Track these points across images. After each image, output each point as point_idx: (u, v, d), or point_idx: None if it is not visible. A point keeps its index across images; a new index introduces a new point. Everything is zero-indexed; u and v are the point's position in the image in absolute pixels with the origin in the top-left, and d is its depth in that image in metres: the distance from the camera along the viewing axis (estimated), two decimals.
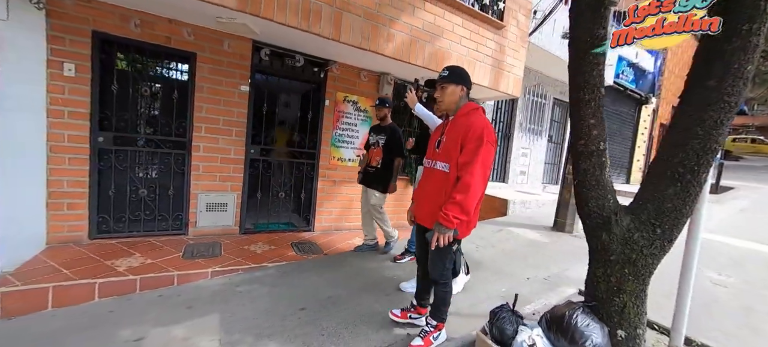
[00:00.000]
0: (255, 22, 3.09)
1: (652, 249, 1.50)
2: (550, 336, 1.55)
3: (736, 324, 2.34)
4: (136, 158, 3.33)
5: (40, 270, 2.55)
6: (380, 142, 3.34)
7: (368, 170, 3.43)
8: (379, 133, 3.39)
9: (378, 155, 3.33)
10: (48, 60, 2.87)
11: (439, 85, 1.86)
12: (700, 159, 1.44)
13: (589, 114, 1.62)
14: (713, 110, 1.41)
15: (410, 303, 2.21)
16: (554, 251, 3.71)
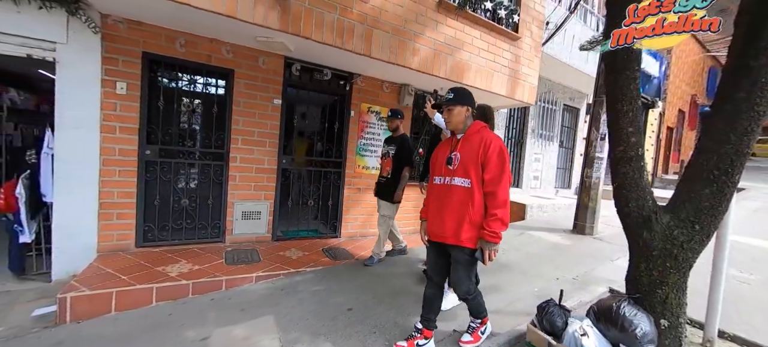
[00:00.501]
0: (292, 40, 3.29)
1: (691, 244, 1.65)
2: (599, 327, 1.68)
3: (762, 317, 2.45)
4: (179, 169, 3.51)
5: (99, 276, 2.71)
6: (391, 152, 3.41)
7: (380, 181, 3.51)
8: (390, 144, 3.47)
9: (388, 166, 3.40)
10: (102, 79, 3.08)
11: (445, 107, 1.93)
12: (734, 162, 1.59)
13: (628, 123, 1.78)
14: (744, 118, 1.57)
15: (414, 328, 2.06)
16: (578, 253, 3.83)
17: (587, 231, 4.50)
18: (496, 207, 1.74)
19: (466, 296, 1.95)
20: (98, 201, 3.15)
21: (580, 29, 6.41)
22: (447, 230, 1.85)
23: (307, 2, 3.09)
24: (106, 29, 3.06)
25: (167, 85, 3.43)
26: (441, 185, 1.93)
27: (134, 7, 2.89)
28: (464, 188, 1.81)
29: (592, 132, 4.65)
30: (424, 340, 2.00)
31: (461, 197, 1.81)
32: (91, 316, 2.41)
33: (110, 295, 2.48)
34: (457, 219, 1.81)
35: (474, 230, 1.78)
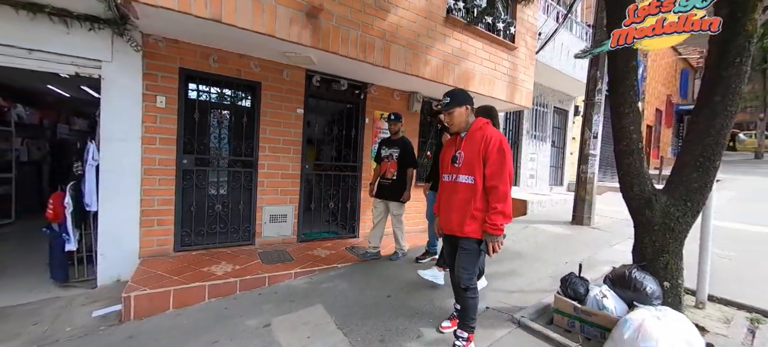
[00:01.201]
0: (318, 54, 3.58)
1: (685, 218, 2.02)
2: (615, 290, 2.03)
3: (742, 284, 2.87)
4: (213, 177, 3.72)
5: (151, 277, 2.89)
6: (394, 155, 3.56)
7: (383, 183, 3.62)
8: (391, 146, 3.62)
9: (393, 167, 3.54)
10: (143, 94, 3.29)
11: (445, 113, 1.99)
12: (714, 151, 1.98)
13: (629, 123, 2.17)
14: (719, 117, 1.96)
15: (455, 309, 2.26)
16: (579, 241, 4.23)
17: (585, 222, 4.92)
18: (497, 201, 1.80)
19: (467, 286, 1.95)
20: (140, 209, 3.33)
21: (568, 38, 6.95)
22: (453, 223, 1.96)
23: (334, 20, 3.40)
24: (147, 47, 3.27)
25: (201, 98, 3.65)
26: (448, 183, 2.03)
27: (176, 28, 3.13)
28: (468, 184, 1.90)
29: (585, 132, 5.11)
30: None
31: (465, 194, 1.91)
32: (152, 313, 2.60)
33: (168, 293, 2.68)
34: (461, 214, 1.91)
35: (476, 224, 1.87)
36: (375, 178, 3.79)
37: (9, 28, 2.74)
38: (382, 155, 3.69)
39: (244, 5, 2.89)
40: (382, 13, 3.75)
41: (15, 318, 2.64)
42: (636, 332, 1.66)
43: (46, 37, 2.87)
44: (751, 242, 4.07)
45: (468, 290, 1.96)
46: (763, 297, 2.52)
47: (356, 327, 2.31)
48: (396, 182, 3.52)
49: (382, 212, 3.70)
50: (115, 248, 3.23)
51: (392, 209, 3.62)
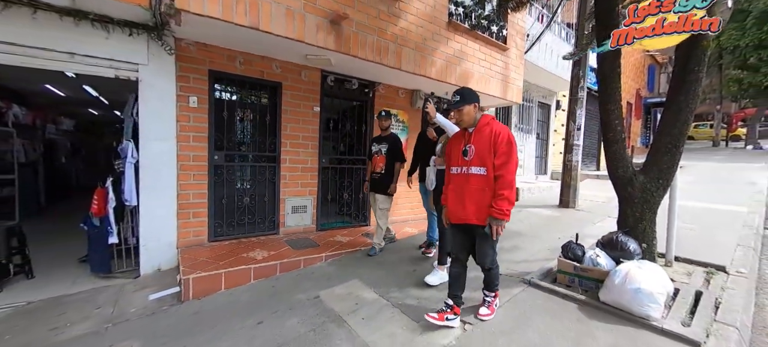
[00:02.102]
0: (337, 56, 3.91)
1: (658, 192, 2.56)
2: (605, 251, 2.53)
3: (701, 248, 3.49)
4: (240, 171, 3.99)
5: (199, 264, 3.16)
6: (383, 150, 3.68)
7: (374, 177, 3.72)
8: (381, 142, 3.75)
9: (382, 162, 3.66)
10: (177, 95, 3.51)
11: (455, 110, 2.12)
12: (679, 139, 2.52)
13: (614, 117, 2.68)
14: (683, 113, 2.49)
15: (445, 304, 2.26)
16: (568, 221, 4.81)
17: (571, 205, 5.54)
18: (503, 188, 1.95)
19: (490, 266, 2.17)
20: (177, 203, 3.56)
21: (551, 38, 7.56)
22: (469, 213, 2.05)
23: (353, 27, 3.74)
24: (180, 51, 3.49)
25: (228, 98, 3.89)
26: (459, 175, 2.13)
27: (209, 33, 3.36)
28: (481, 175, 2.03)
29: (570, 124, 5.70)
30: (454, 316, 2.18)
31: (479, 184, 2.03)
32: (207, 294, 2.90)
33: (220, 276, 2.98)
34: (477, 203, 2.02)
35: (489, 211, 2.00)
36: (368, 173, 3.90)
37: (55, 34, 2.91)
38: (372, 150, 3.80)
39: (278, 14, 3.19)
40: (394, 19, 4.12)
41: (74, 305, 2.86)
42: (624, 278, 2.16)
43: (88, 41, 3.04)
44: (708, 217, 4.79)
45: (491, 269, 2.19)
46: (715, 257, 3.12)
47: (393, 294, 2.71)
48: (384, 175, 3.65)
49: (375, 204, 3.79)
50: (156, 239, 3.46)
51: (379, 202, 3.71)
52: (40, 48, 2.88)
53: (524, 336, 2.08)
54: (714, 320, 2.12)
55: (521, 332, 2.12)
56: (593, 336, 2.04)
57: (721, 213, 4.86)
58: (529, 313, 2.33)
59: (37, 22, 2.83)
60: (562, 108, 9.97)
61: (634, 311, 2.11)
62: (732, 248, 3.43)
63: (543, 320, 2.24)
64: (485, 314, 2.24)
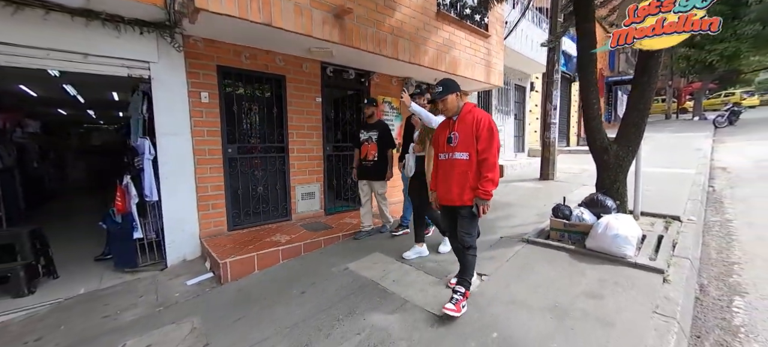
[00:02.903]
0: (338, 48, 4.12)
1: (628, 157, 3.10)
2: (588, 209, 3.05)
3: (660, 203, 4.16)
4: (253, 162, 4.17)
5: (228, 249, 3.37)
6: (373, 137, 3.70)
7: (365, 165, 3.74)
8: (370, 130, 3.75)
9: (374, 149, 3.69)
10: (189, 91, 3.61)
11: (439, 100, 2.23)
12: (644, 114, 3.05)
13: (593, 98, 3.17)
14: (646, 92, 3.01)
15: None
16: (549, 191, 5.41)
17: (550, 177, 6.17)
18: (487, 170, 2.08)
19: (469, 246, 2.21)
20: (197, 195, 3.71)
21: (526, 24, 8.07)
22: (453, 195, 2.19)
23: (355, 20, 3.96)
24: (188, 48, 3.58)
25: (237, 92, 4.02)
26: (445, 160, 2.26)
27: (216, 29, 3.46)
28: (464, 160, 2.15)
29: (547, 105, 6.28)
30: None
31: (462, 168, 2.16)
32: (242, 275, 3.14)
33: (252, 258, 3.22)
34: (460, 185, 2.16)
35: (472, 192, 2.13)
36: (357, 161, 3.92)
37: (67, 35, 2.94)
38: (361, 138, 3.79)
39: (288, 10, 3.36)
40: (389, 11, 4.38)
41: (115, 296, 3.01)
42: (605, 228, 2.68)
43: (99, 41, 3.08)
44: (664, 180, 5.56)
45: (470, 248, 2.23)
46: (672, 210, 3.76)
47: (413, 260, 3.10)
48: (378, 162, 3.70)
49: (368, 192, 3.90)
50: (179, 232, 3.61)
51: (376, 189, 3.82)
52: (54, 49, 2.90)
53: (529, 279, 2.55)
54: (672, 255, 2.69)
55: (526, 277, 2.58)
56: (583, 273, 2.55)
57: (675, 175, 5.65)
58: (531, 263, 2.80)
59: (48, 24, 2.85)
60: (535, 89, 10.67)
61: (613, 252, 2.64)
62: (684, 202, 4.12)
63: (542, 267, 2.72)
64: (450, 309, 2.08)
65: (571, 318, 2.04)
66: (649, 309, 2.06)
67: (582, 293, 2.30)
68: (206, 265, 3.50)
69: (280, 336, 2.13)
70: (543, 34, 9.10)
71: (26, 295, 3.06)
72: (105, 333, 2.40)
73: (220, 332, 2.26)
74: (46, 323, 2.63)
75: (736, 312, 2.24)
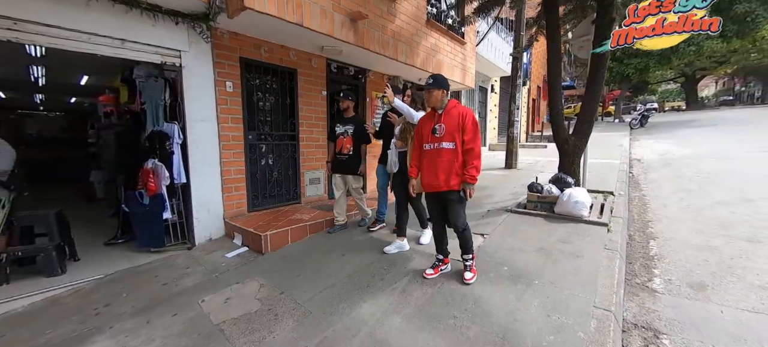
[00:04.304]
0: (348, 48, 4.62)
1: (581, 146, 4.14)
2: (555, 185, 4.01)
3: (599, 183, 5.39)
4: (268, 149, 4.49)
5: (260, 226, 3.72)
6: (349, 131, 3.69)
7: (340, 159, 3.71)
8: (346, 123, 3.74)
9: (349, 143, 3.69)
10: (215, 80, 3.86)
11: (426, 91, 2.44)
12: (593, 114, 4.10)
13: (557, 99, 4.13)
14: (596, 96, 4.05)
15: (436, 259, 2.68)
16: (516, 177, 6.50)
17: (514, 166, 7.32)
18: (473, 159, 2.33)
19: (462, 228, 2.45)
20: (221, 178, 3.97)
21: (492, 35, 9.21)
22: (440, 181, 2.39)
23: (366, 24, 4.50)
24: (215, 39, 3.81)
25: (256, 82, 4.31)
26: (431, 150, 2.43)
27: (243, 24, 3.74)
28: (450, 149, 2.36)
29: (511, 105, 7.40)
30: (445, 266, 2.69)
31: (449, 156, 2.36)
32: (279, 247, 3.54)
33: (287, 232, 3.63)
34: (447, 172, 2.37)
35: (457, 178, 2.37)
36: (331, 155, 3.88)
37: (109, 20, 3.06)
38: (337, 132, 3.77)
39: (315, 12, 3.80)
40: (392, 17, 4.99)
41: (161, 269, 3.22)
42: (569, 196, 3.64)
43: (137, 29, 3.24)
44: (599, 168, 7.00)
45: (464, 230, 2.46)
46: (607, 187, 4.96)
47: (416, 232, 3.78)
48: (352, 156, 3.72)
49: (342, 186, 3.86)
50: (206, 212, 3.86)
51: (350, 183, 3.80)
52: (96, 34, 3.01)
53: (518, 235, 3.39)
54: (611, 216, 3.74)
55: (516, 233, 3.43)
56: (555, 229, 3.46)
57: (606, 164, 7.12)
58: (517, 225, 3.67)
59: (91, 9, 2.96)
60: (494, 91, 12.04)
61: (574, 214, 3.61)
62: (614, 182, 5.40)
63: (525, 227, 3.59)
64: (470, 277, 2.47)
65: (554, 255, 2.90)
66: (601, 247, 3.00)
67: (557, 240, 3.20)
68: (235, 242, 3.80)
69: (342, 283, 2.66)
70: (504, 43, 10.40)
71: (59, 274, 3.12)
72: (175, 295, 2.70)
73: (288, 284, 2.71)
74: (101, 294, 2.81)
75: (650, 247, 3.31)
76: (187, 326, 2.24)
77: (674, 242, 3.38)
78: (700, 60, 19.47)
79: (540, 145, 11.94)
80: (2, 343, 2.21)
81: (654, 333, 2.10)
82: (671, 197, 4.86)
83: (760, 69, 27.50)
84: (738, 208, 4.08)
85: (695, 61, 19.53)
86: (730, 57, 20.22)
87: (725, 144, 8.62)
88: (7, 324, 2.42)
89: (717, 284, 2.58)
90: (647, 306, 2.39)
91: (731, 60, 21.23)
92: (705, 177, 5.67)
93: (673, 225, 3.81)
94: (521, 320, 2.04)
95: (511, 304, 2.21)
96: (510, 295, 2.32)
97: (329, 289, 2.57)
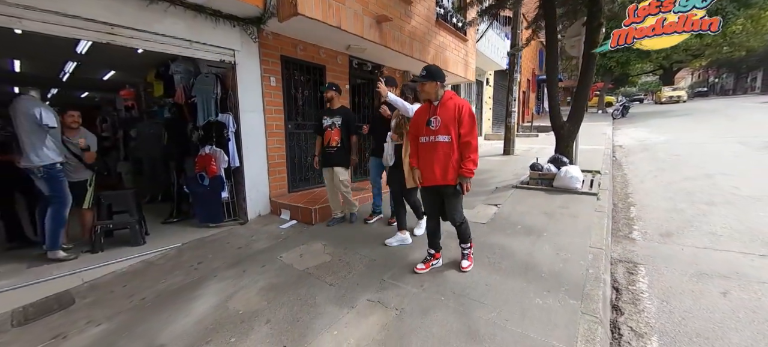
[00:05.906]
0: (372, 46, 5.20)
1: (574, 131, 4.88)
2: (553, 164, 4.74)
3: (587, 163, 6.18)
4: (304, 137, 5.06)
5: (308, 202, 4.31)
6: (337, 123, 3.59)
7: (328, 151, 3.61)
8: (333, 115, 3.63)
9: (337, 135, 3.59)
10: (262, 75, 4.39)
11: (420, 82, 2.35)
12: (585, 103, 4.84)
13: (554, 91, 4.84)
14: (586, 88, 4.79)
15: (428, 254, 2.61)
16: (514, 161, 7.26)
17: (511, 153, 8.08)
18: (470, 152, 2.24)
19: (460, 222, 2.40)
20: (267, 163, 4.53)
21: (490, 31, 9.89)
22: (436, 175, 2.31)
23: (388, 26, 5.08)
24: (261, 39, 4.34)
25: (293, 77, 4.85)
26: (426, 143, 2.35)
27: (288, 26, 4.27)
28: (446, 142, 2.27)
29: (508, 97, 8.12)
30: (436, 261, 2.63)
31: (445, 150, 2.27)
32: (325, 219, 4.14)
33: (328, 208, 4.23)
34: (444, 166, 2.28)
35: (454, 172, 2.29)
36: (319, 149, 3.80)
37: (180, 25, 3.55)
38: (324, 125, 3.65)
39: (350, 16, 4.37)
40: (408, 19, 5.59)
41: (229, 238, 3.77)
42: (565, 172, 4.38)
43: (202, 31, 3.74)
44: (587, 152, 7.83)
45: (462, 223, 2.42)
46: (595, 167, 5.75)
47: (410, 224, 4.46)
48: (341, 149, 3.63)
49: (332, 179, 3.78)
50: (256, 192, 4.42)
51: (338, 175, 3.67)
52: (170, 36, 3.50)
53: (525, 204, 4.11)
54: (600, 189, 4.51)
55: (523, 203, 4.15)
56: (555, 199, 4.20)
57: (593, 150, 7.97)
58: (523, 197, 4.39)
59: (168, 15, 3.45)
60: (489, 84, 12.79)
61: (570, 187, 4.36)
62: (600, 163, 6.21)
63: (530, 199, 4.32)
64: (466, 266, 2.48)
65: (556, 216, 3.63)
66: (592, 210, 3.75)
67: (557, 206, 3.93)
68: (284, 216, 4.38)
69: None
70: (499, 39, 11.11)
71: (141, 244, 3.65)
72: (254, 254, 3.28)
73: (346, 245, 3.33)
74: (187, 257, 3.35)
75: (631, 211, 4.09)
76: (278, 272, 2.84)
77: (649, 207, 4.17)
78: (677, 53, 20.78)
79: (532, 134, 12.80)
80: (130, 287, 2.75)
81: (633, 264, 2.85)
82: (647, 174, 5.70)
83: (731, 62, 29.38)
84: (700, 181, 4.92)
85: (672, 54, 20.83)
86: (704, 51, 21.61)
87: (696, 132, 9.63)
88: (122, 278, 2.96)
89: (680, 233, 3.36)
90: (628, 248, 3.14)
91: (705, 53, 22.67)
92: (676, 158, 6.56)
93: (649, 195, 4.61)
94: (537, 257, 2.74)
95: (528, 248, 2.92)
96: (526, 242, 3.03)
97: (381, 248, 3.20)
